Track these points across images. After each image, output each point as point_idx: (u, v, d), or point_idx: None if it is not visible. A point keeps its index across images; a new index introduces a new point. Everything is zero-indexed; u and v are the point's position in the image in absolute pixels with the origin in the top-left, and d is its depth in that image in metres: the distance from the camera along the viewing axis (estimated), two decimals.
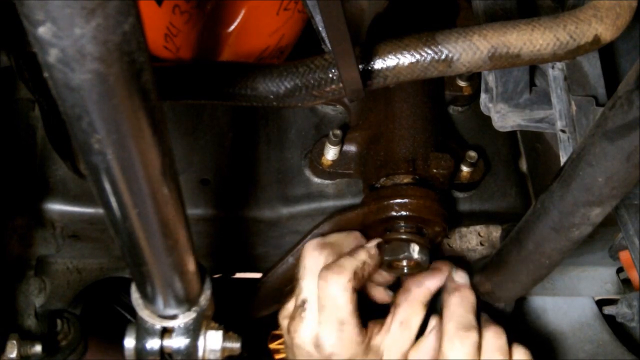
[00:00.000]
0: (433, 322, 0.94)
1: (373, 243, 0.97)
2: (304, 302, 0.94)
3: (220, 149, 1.15)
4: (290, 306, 0.98)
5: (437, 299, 1.02)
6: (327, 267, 0.92)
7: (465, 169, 1.09)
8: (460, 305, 0.94)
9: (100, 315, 1.45)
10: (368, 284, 1.03)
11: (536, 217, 0.79)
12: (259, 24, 1.09)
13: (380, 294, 1.05)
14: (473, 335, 0.91)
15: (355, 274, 0.92)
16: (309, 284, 0.95)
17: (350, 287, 0.91)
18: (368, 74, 0.75)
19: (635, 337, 1.33)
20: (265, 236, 1.17)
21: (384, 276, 1.04)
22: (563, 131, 0.94)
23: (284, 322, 0.98)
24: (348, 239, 1.00)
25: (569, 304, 1.32)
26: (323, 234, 1.03)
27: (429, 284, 0.98)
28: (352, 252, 0.95)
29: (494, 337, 0.93)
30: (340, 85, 0.75)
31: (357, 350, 0.92)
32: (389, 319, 0.96)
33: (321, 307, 0.91)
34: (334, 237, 1.01)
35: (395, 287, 1.06)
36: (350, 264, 0.92)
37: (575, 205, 0.71)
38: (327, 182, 1.12)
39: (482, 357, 0.91)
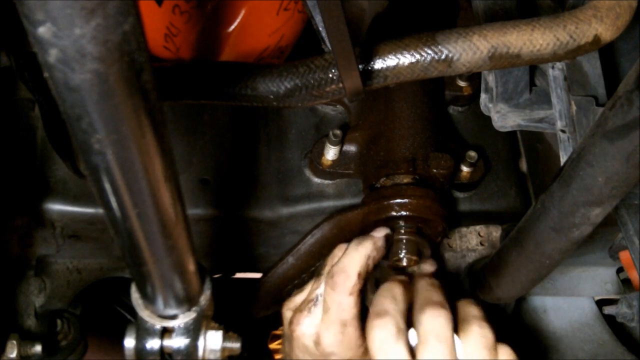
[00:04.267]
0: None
1: (381, 233, 0.96)
2: (317, 297, 0.94)
3: (220, 149, 1.15)
4: (298, 298, 0.97)
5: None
6: (330, 274, 0.92)
7: (465, 169, 1.09)
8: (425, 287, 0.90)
9: (100, 315, 1.45)
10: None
11: (536, 217, 0.79)
12: (259, 24, 1.09)
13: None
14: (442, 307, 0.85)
15: (359, 275, 0.91)
16: None
17: (356, 291, 0.91)
18: (368, 74, 0.75)
19: (635, 337, 1.33)
20: (265, 236, 1.17)
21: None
22: (563, 131, 0.94)
23: (287, 313, 0.97)
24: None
25: (569, 304, 1.32)
26: (323, 234, 1.02)
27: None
28: (358, 244, 0.94)
29: (470, 306, 0.88)
30: (340, 85, 0.75)
31: (356, 352, 0.92)
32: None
33: (326, 309, 0.91)
34: None
35: None
36: (354, 267, 0.91)
37: (575, 205, 0.71)
38: (327, 182, 1.12)
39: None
